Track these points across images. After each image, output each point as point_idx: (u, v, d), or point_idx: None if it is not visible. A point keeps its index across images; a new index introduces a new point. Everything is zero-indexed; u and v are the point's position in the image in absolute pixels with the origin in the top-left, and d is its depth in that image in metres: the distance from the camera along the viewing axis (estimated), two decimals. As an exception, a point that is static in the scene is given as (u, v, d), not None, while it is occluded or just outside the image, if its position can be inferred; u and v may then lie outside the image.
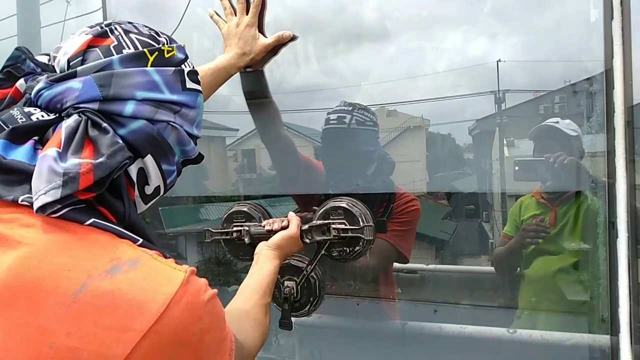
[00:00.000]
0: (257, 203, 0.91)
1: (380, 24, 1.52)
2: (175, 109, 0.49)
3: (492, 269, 1.10)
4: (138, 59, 0.47)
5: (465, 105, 1.68)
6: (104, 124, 0.43)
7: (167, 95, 0.47)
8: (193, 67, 0.53)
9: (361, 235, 0.75)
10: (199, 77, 0.53)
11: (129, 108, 0.45)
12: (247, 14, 0.87)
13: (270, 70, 1.12)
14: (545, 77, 1.47)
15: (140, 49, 0.48)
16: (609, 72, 0.81)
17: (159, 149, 0.48)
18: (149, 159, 0.48)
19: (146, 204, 0.52)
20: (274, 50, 0.90)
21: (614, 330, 0.64)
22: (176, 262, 0.45)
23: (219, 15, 0.90)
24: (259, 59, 0.89)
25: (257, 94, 0.99)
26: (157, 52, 0.48)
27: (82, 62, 0.46)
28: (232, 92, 1.53)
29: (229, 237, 0.84)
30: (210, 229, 0.87)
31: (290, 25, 1.61)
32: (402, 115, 1.79)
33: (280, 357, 1.06)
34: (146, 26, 0.52)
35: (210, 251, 1.84)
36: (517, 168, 1.12)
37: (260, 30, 0.89)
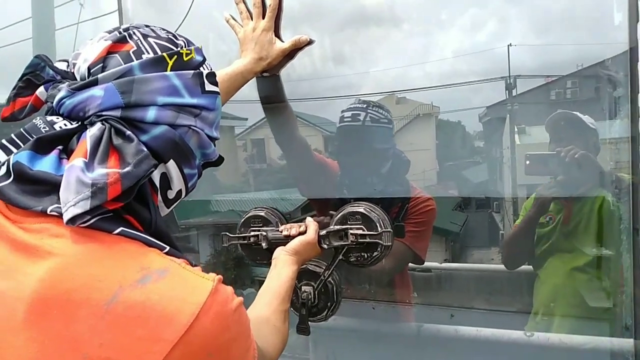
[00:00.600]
0: (274, 207, 0.89)
1: (388, 9, 1.47)
2: (196, 113, 0.48)
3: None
4: (158, 63, 0.46)
5: (476, 91, 1.64)
6: (128, 132, 0.43)
7: (188, 99, 0.47)
8: (211, 69, 0.52)
9: (379, 241, 0.74)
10: (216, 79, 0.52)
11: (151, 114, 0.45)
12: (263, 18, 0.84)
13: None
14: (557, 62, 1.42)
15: (160, 53, 0.47)
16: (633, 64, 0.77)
17: (181, 153, 0.48)
18: (171, 164, 0.48)
19: (168, 207, 0.52)
20: (290, 54, 0.87)
21: (638, 337, 0.62)
22: (202, 270, 0.45)
23: (235, 20, 0.87)
24: (276, 64, 0.87)
25: (273, 98, 0.97)
26: (176, 56, 0.47)
27: (103, 69, 0.45)
28: None
29: (246, 242, 0.83)
30: (227, 233, 0.87)
31: (297, 11, 1.56)
32: (411, 103, 1.75)
33: (292, 355, 1.06)
34: (163, 29, 0.51)
35: (223, 245, 1.84)
36: (528, 162, 1.10)
37: (277, 34, 0.86)
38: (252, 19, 0.84)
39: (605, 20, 1.11)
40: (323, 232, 0.74)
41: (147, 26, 0.50)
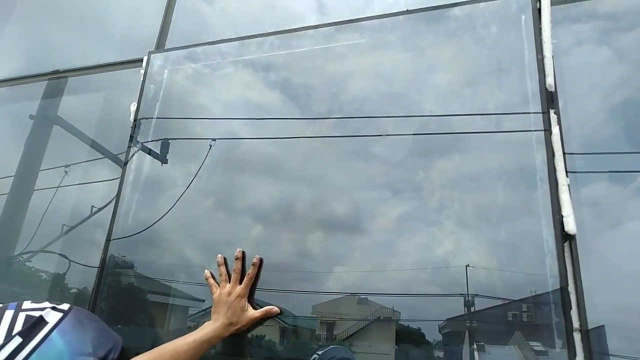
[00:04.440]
0: None
1: (356, 219, 1.52)
2: None
3: None
4: None
5: (436, 302, 1.61)
6: None
7: None
8: None
9: None
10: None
11: None
12: (240, 283, 0.84)
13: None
14: (512, 285, 1.44)
15: None
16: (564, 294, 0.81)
17: None
18: None
19: None
20: (260, 321, 0.86)
21: None
22: None
23: (214, 279, 0.87)
24: (244, 330, 0.84)
25: (235, 352, 0.91)
26: None
27: None
28: (205, 262, 1.42)
29: None
30: None
31: (272, 211, 1.59)
32: (373, 305, 1.69)
33: None
34: None
35: None
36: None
37: (250, 301, 0.86)
38: (229, 282, 0.83)
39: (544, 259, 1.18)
40: None
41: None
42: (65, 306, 0.48)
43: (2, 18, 2.37)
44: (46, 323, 0.44)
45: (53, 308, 0.47)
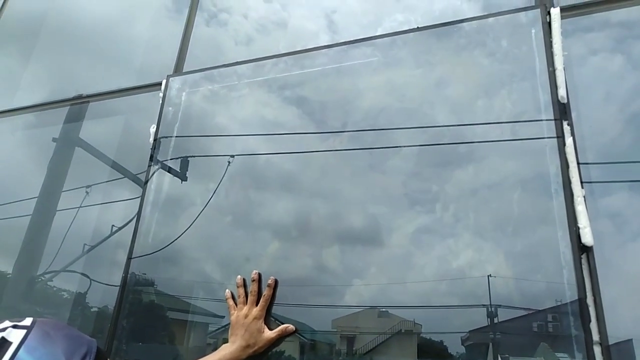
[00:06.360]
0: None
1: (374, 231, 1.51)
2: None
3: None
4: None
5: (458, 314, 1.56)
6: None
7: None
8: None
9: None
10: None
11: None
12: (256, 305, 0.84)
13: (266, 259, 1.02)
14: (530, 298, 1.40)
15: None
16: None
17: None
18: None
19: None
20: (276, 342, 0.86)
21: None
22: None
23: (234, 300, 0.87)
24: (262, 351, 0.84)
25: None
26: None
27: None
28: (224, 278, 1.40)
29: None
30: None
31: (289, 226, 1.58)
32: (394, 318, 1.65)
33: None
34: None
35: None
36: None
37: (267, 321, 0.86)
38: (246, 304, 0.83)
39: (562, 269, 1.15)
40: None
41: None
42: (27, 321, 0.46)
43: (27, 51, 2.44)
44: (10, 344, 0.42)
45: (14, 326, 0.44)
